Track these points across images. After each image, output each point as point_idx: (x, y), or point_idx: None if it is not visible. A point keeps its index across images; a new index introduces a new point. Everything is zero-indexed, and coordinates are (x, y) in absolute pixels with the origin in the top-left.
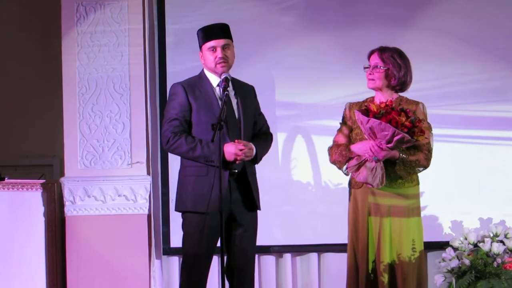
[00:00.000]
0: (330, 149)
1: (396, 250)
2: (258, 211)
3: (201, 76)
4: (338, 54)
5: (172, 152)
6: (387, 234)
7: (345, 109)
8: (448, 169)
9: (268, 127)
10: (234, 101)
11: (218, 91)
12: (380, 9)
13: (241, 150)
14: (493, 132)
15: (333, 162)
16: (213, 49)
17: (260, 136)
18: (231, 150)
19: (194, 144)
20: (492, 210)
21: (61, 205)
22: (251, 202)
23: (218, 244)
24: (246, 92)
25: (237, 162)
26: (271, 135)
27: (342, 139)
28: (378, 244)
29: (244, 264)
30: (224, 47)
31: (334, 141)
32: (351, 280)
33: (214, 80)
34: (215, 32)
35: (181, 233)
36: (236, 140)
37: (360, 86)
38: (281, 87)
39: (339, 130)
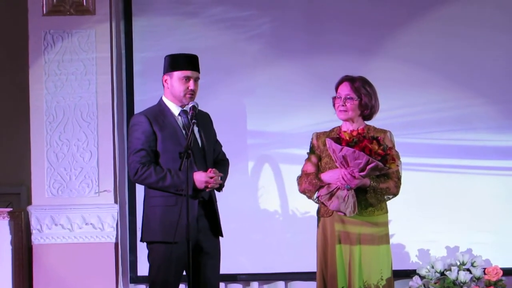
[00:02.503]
0: (299, 179)
1: (366, 278)
2: (225, 238)
3: (162, 105)
4: (304, 82)
5: (141, 183)
6: (356, 262)
7: (312, 138)
8: (414, 198)
9: (224, 154)
10: (195, 129)
11: (180, 120)
12: (346, 38)
13: (211, 178)
14: (459, 161)
15: (302, 191)
16: (186, 79)
17: (220, 163)
18: (201, 178)
19: (163, 174)
20: (459, 238)
21: (28, 233)
22: (217, 229)
23: (185, 272)
24: (204, 120)
25: (207, 190)
26: (228, 161)
27: (311, 168)
28: (349, 272)
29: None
30: (195, 80)
31: (302, 171)
32: None
33: (175, 109)
34: (192, 63)
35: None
36: (209, 169)
37: (326, 115)
38: (248, 116)
39: (307, 160)
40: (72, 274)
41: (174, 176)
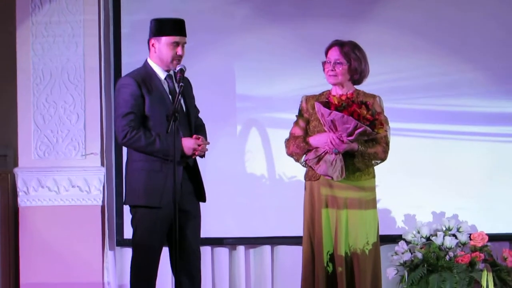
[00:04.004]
0: (287, 142)
1: (352, 242)
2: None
3: (148, 69)
4: (293, 46)
5: (129, 147)
6: (343, 226)
7: (301, 101)
8: (401, 163)
9: (201, 119)
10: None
11: (166, 84)
12: (335, 2)
13: (199, 145)
14: (447, 127)
15: (290, 154)
16: (176, 44)
17: (198, 129)
18: (190, 145)
19: (152, 138)
20: (445, 204)
21: (15, 195)
22: (200, 193)
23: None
24: (186, 85)
25: (193, 157)
26: (204, 126)
27: (299, 132)
28: (335, 236)
29: (197, 250)
30: (183, 45)
31: (291, 134)
32: (307, 274)
33: (161, 73)
34: (180, 28)
35: None
36: (194, 136)
37: (315, 79)
38: (236, 79)
39: (296, 123)
40: (58, 236)
41: (163, 141)
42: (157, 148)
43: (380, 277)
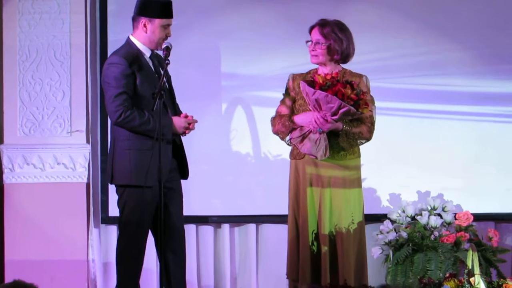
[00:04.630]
0: (273, 120)
1: (337, 221)
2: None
3: (134, 47)
4: (279, 25)
5: (123, 126)
6: (327, 205)
7: (288, 80)
8: (387, 142)
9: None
10: (161, 73)
11: (151, 63)
12: None
13: (189, 123)
14: (432, 106)
15: (276, 132)
16: (168, 26)
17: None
18: (181, 124)
19: (146, 117)
20: (430, 183)
21: (0, 172)
22: (184, 171)
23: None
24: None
25: (184, 135)
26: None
27: (285, 110)
28: (319, 215)
29: (181, 227)
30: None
31: (277, 112)
32: (292, 252)
33: (147, 51)
34: (171, 10)
35: None
36: (183, 114)
37: (301, 58)
38: (222, 58)
39: (282, 101)
40: (44, 213)
41: (156, 120)
42: (150, 127)
43: (365, 256)
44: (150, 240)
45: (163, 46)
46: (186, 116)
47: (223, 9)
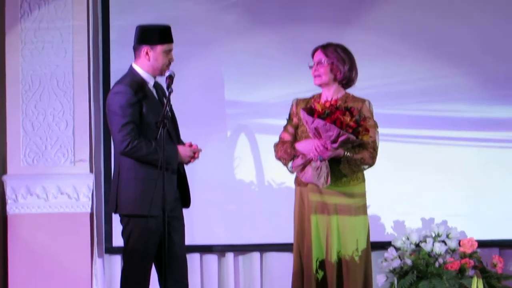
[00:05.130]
0: (276, 146)
1: (342, 249)
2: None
3: (138, 76)
4: (280, 53)
5: (130, 156)
6: (334, 233)
7: (292, 105)
8: (390, 169)
9: None
10: (164, 101)
11: (154, 91)
12: (323, 9)
13: (194, 152)
14: (435, 132)
15: (278, 158)
16: (170, 51)
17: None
18: (186, 153)
19: (153, 147)
20: (434, 210)
21: (3, 203)
22: (186, 199)
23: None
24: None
25: (187, 164)
26: None
27: (287, 136)
28: (326, 242)
29: (184, 256)
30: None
31: (280, 138)
32: (297, 281)
33: (150, 80)
34: (171, 34)
35: None
36: (187, 143)
37: (303, 85)
38: (225, 85)
39: (285, 127)
40: (47, 244)
41: (161, 149)
42: (157, 157)
43: (371, 284)
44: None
45: (166, 74)
46: (191, 145)
47: (224, 36)
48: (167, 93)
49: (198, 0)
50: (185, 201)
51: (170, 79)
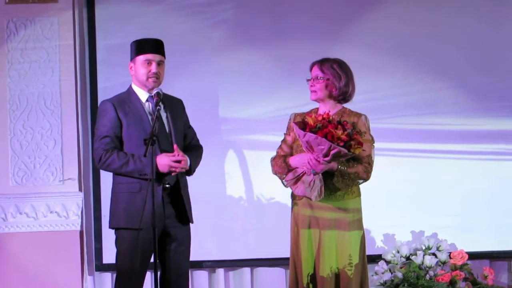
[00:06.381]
0: (273, 160)
1: (336, 263)
2: (191, 224)
3: (130, 92)
4: (270, 68)
5: (106, 169)
6: (325, 247)
7: (290, 119)
8: (379, 182)
9: (197, 140)
10: (163, 115)
11: (147, 106)
12: (310, 23)
13: (177, 161)
14: (424, 145)
15: (274, 173)
16: (148, 62)
17: (191, 148)
18: (164, 162)
19: (126, 159)
20: (424, 223)
21: None
22: (184, 216)
23: (152, 259)
24: (174, 106)
25: (172, 174)
26: (201, 147)
27: (284, 150)
28: (317, 257)
29: (179, 279)
30: (159, 63)
31: (277, 152)
32: None
33: (143, 95)
34: (153, 46)
35: (114, 249)
36: (175, 146)
37: (293, 101)
38: (214, 101)
39: (283, 141)
40: (37, 262)
41: (136, 160)
42: (130, 169)
43: None
44: (146, 285)
45: (153, 92)
46: (174, 155)
47: (213, 52)
48: (155, 111)
49: (183, 18)
50: (183, 217)
51: (158, 96)
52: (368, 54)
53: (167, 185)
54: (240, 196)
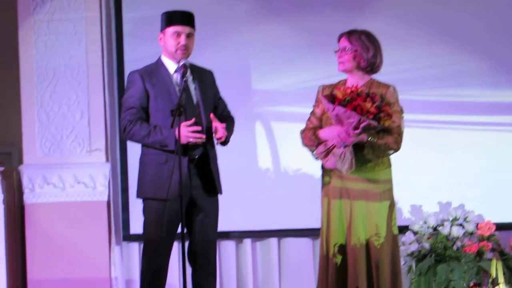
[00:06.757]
0: (303, 132)
1: (367, 233)
2: (219, 196)
3: (158, 63)
4: (296, 40)
5: (130, 140)
6: (357, 218)
7: (318, 91)
8: (406, 154)
9: (229, 111)
10: (192, 87)
11: (175, 77)
12: None
13: (193, 132)
14: (451, 117)
15: (304, 145)
16: (177, 34)
17: (223, 120)
18: (183, 132)
19: (148, 130)
20: (452, 194)
21: (20, 192)
22: (212, 187)
23: (179, 230)
24: (204, 77)
25: (189, 144)
26: (232, 118)
27: (313, 123)
28: (348, 227)
29: (206, 250)
30: (188, 35)
31: (306, 124)
32: (322, 265)
33: (172, 66)
34: (182, 18)
35: (141, 219)
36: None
37: (319, 72)
38: (242, 73)
39: (312, 113)
40: (65, 232)
41: (157, 132)
42: (151, 140)
43: (399, 268)
44: (173, 255)
45: (180, 63)
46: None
47: (239, 23)
48: (182, 82)
49: None
50: (210, 189)
51: (184, 68)
52: (393, 26)
53: (193, 157)
54: (267, 167)
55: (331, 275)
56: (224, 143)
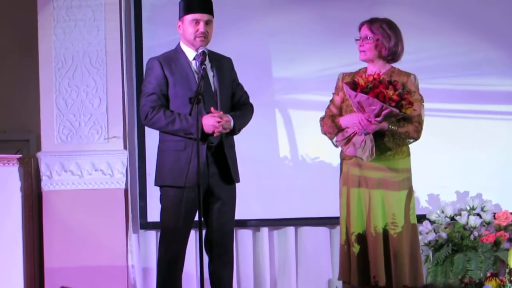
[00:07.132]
0: (322, 120)
1: (386, 222)
2: (237, 184)
3: (177, 50)
4: (315, 28)
5: (151, 127)
6: (376, 206)
7: (338, 79)
8: (424, 143)
9: (247, 98)
10: (210, 74)
11: (194, 64)
12: None
13: (218, 122)
14: (469, 106)
15: (324, 133)
16: (196, 22)
17: (239, 107)
18: (209, 122)
19: (172, 117)
20: (469, 183)
21: (38, 180)
22: (229, 176)
23: (196, 218)
24: (222, 64)
25: (214, 135)
26: (251, 105)
27: (333, 110)
28: (367, 216)
29: (223, 238)
30: (207, 22)
31: (325, 112)
32: (343, 254)
33: (191, 53)
34: (201, 5)
35: (158, 207)
36: (211, 108)
37: (338, 60)
38: (260, 61)
39: (331, 101)
40: (82, 220)
41: (182, 120)
42: (176, 128)
43: (419, 256)
44: (190, 243)
45: (199, 51)
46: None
47: (260, 11)
48: (200, 69)
49: None
50: (226, 177)
51: (203, 55)
52: (413, 14)
53: (211, 144)
54: (285, 155)
55: (353, 263)
56: (233, 132)
